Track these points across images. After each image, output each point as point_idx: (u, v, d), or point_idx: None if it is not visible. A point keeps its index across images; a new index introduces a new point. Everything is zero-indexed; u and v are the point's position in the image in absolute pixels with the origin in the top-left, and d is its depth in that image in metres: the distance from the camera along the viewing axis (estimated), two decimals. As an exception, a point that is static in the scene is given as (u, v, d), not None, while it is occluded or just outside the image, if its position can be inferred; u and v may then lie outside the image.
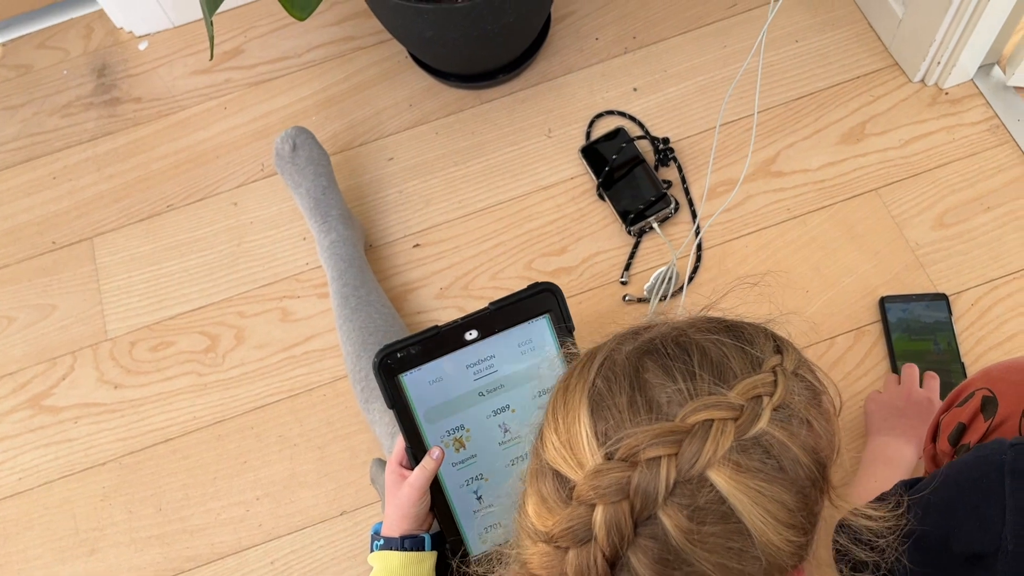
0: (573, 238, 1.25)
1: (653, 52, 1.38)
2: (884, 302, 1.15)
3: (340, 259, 1.18)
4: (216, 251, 1.31)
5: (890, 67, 1.31)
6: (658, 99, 1.34)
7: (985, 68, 1.27)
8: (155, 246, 1.32)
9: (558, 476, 0.47)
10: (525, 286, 0.82)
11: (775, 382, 0.47)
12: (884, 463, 0.96)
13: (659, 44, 1.38)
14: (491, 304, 0.81)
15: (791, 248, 1.21)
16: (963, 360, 1.10)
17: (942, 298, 1.14)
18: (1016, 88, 1.26)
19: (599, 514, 0.44)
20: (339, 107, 1.40)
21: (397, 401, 0.80)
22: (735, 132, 1.29)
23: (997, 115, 1.25)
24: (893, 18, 1.28)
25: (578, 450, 0.47)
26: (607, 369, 0.49)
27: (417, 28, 1.19)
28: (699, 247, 1.22)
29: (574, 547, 0.45)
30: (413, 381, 0.80)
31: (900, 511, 0.66)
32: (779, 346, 0.51)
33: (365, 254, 1.23)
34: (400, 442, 0.81)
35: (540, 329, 0.81)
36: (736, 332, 0.51)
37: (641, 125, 1.31)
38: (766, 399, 0.46)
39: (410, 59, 1.41)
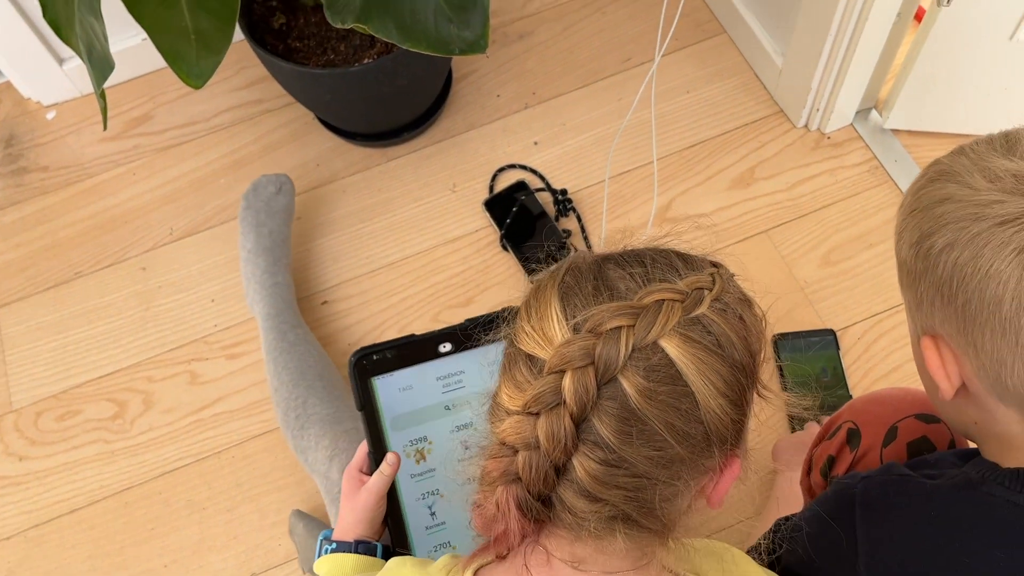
0: (479, 289, 1.28)
1: (552, 106, 1.43)
2: (776, 340, 1.19)
3: (280, 300, 1.20)
4: (124, 317, 1.31)
5: (776, 114, 1.37)
6: (557, 152, 1.38)
7: (863, 112, 1.34)
8: (62, 314, 1.32)
9: (530, 359, 0.53)
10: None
11: (714, 281, 0.55)
12: (795, 498, 0.97)
13: (558, 99, 1.43)
14: (466, 320, 0.83)
15: (687, 291, 1.25)
16: (851, 392, 1.14)
17: (830, 333, 1.19)
18: (893, 130, 1.33)
19: (567, 379, 0.50)
20: (248, 169, 1.42)
21: (367, 404, 0.82)
22: (631, 181, 1.34)
23: (876, 156, 1.32)
24: (774, 68, 1.35)
25: (549, 330, 0.53)
26: (574, 270, 0.56)
27: (316, 92, 1.23)
28: (599, 293, 1.25)
29: (544, 412, 0.50)
30: (385, 385, 0.81)
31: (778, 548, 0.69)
32: (717, 263, 0.61)
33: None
34: (363, 447, 0.84)
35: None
36: (683, 255, 0.60)
37: (542, 177, 1.35)
38: (707, 292, 0.54)
39: (316, 120, 1.44)
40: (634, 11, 1.50)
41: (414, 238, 1.33)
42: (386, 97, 1.25)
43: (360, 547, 0.79)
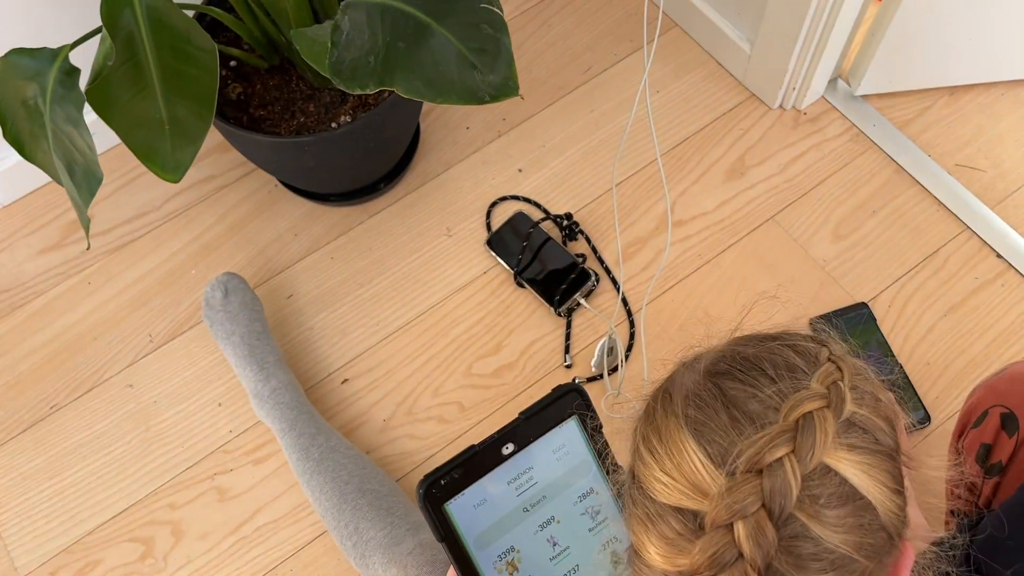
0: (504, 332, 1.22)
1: (526, 130, 1.38)
2: (814, 322, 1.19)
3: (287, 407, 1.09)
4: (123, 443, 1.17)
5: (749, 99, 1.37)
6: (545, 175, 1.33)
7: (831, 83, 1.36)
8: (48, 456, 1.17)
9: (680, 512, 0.48)
10: (548, 391, 0.79)
11: (839, 367, 0.50)
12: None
13: (530, 121, 1.38)
14: (521, 414, 0.78)
15: (714, 292, 1.23)
16: (898, 358, 1.16)
17: (864, 307, 1.20)
18: (863, 96, 1.36)
19: (740, 530, 0.45)
20: (219, 254, 1.30)
21: (447, 533, 0.75)
22: (628, 190, 1.31)
23: (855, 124, 1.34)
24: (742, 55, 1.35)
25: (696, 478, 0.47)
26: (693, 399, 0.51)
27: (299, 161, 1.13)
28: (628, 311, 1.22)
29: (721, 572, 0.45)
30: (459, 507, 0.74)
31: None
32: (818, 338, 0.55)
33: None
34: None
35: (571, 432, 0.78)
36: (779, 337, 0.54)
37: (538, 205, 1.30)
38: (841, 383, 0.49)
39: (282, 187, 1.33)
40: (580, 19, 1.47)
41: (421, 293, 1.26)
42: (372, 151, 1.17)
43: None
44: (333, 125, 1.14)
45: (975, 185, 1.28)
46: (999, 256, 1.22)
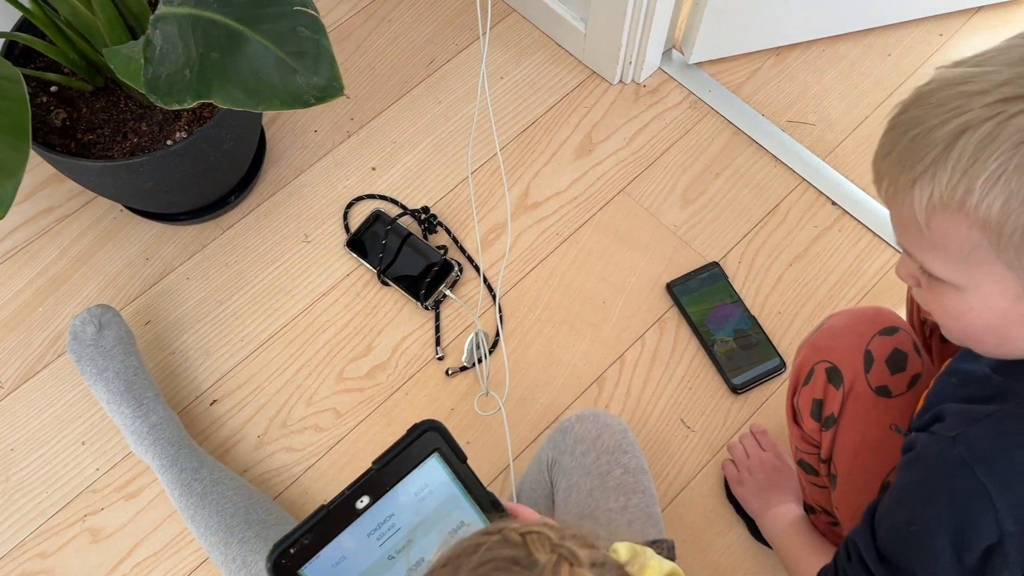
0: (374, 333, 1.22)
1: (376, 128, 1.37)
2: (670, 287, 1.23)
3: (168, 443, 1.06)
4: (-19, 498, 1.11)
5: (590, 77, 1.41)
6: (399, 171, 1.33)
7: (666, 54, 1.41)
8: (-101, 522, 1.10)
9: None
10: (405, 431, 0.78)
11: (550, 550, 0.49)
12: (791, 533, 0.98)
13: (378, 118, 1.38)
14: (374, 463, 0.76)
15: (574, 268, 1.26)
16: (751, 311, 1.21)
17: (715, 266, 1.25)
18: (697, 64, 1.41)
19: None
20: (67, 287, 1.24)
21: None
22: (483, 178, 1.33)
23: (692, 92, 1.39)
24: (577, 34, 1.38)
25: None
26: None
27: (135, 183, 1.09)
28: (494, 297, 1.23)
29: None
30: (315, 571, 0.73)
31: None
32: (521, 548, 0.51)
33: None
34: None
35: (432, 470, 0.77)
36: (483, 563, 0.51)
37: (395, 202, 1.30)
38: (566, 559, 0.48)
39: (127, 211, 1.29)
40: (418, 14, 1.47)
41: (284, 303, 1.24)
42: (213, 165, 1.14)
43: None
44: (168, 143, 1.11)
45: (807, 139, 1.35)
46: (834, 204, 1.30)
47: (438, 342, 1.21)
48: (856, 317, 0.83)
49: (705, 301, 1.22)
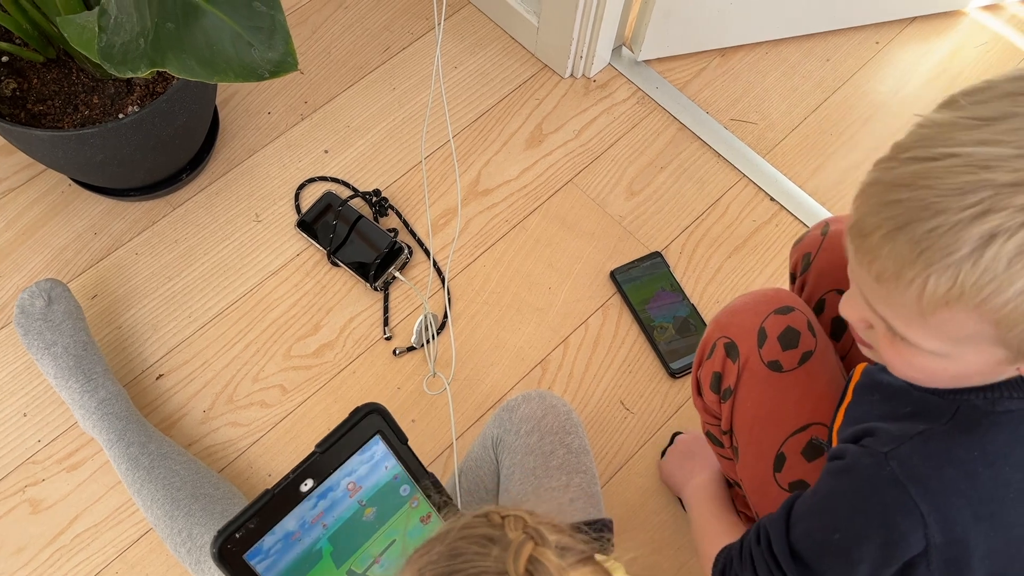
0: (322, 312, 1.23)
1: (329, 112, 1.39)
2: (614, 275, 1.27)
3: (116, 418, 1.06)
4: (-82, 468, 1.10)
5: (542, 70, 1.44)
6: (352, 155, 1.35)
7: (616, 51, 1.45)
8: None
9: None
10: (346, 415, 0.80)
11: (514, 518, 0.53)
12: (709, 500, 1.01)
13: (332, 103, 1.39)
14: (317, 447, 0.78)
15: (522, 254, 1.29)
16: (690, 299, 1.26)
17: (657, 255, 1.29)
18: (646, 62, 1.45)
19: None
20: (10, 260, 1.24)
21: None
22: (435, 164, 1.35)
23: (640, 88, 1.43)
24: (530, 27, 1.41)
25: None
26: None
27: (84, 155, 1.10)
28: (443, 280, 1.26)
29: None
30: (261, 553, 0.75)
31: None
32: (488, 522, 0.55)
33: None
34: None
35: (375, 452, 0.80)
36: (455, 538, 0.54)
37: (347, 184, 1.32)
38: (530, 526, 0.52)
39: (76, 185, 1.28)
40: (375, 1, 1.49)
41: (234, 280, 1.25)
42: (166, 141, 1.15)
43: None
44: (120, 116, 1.12)
45: (748, 137, 1.40)
46: (772, 199, 1.35)
47: (386, 323, 1.23)
48: (756, 297, 0.88)
49: (647, 289, 1.26)
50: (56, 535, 1.08)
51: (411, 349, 1.21)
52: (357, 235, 1.27)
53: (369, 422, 0.81)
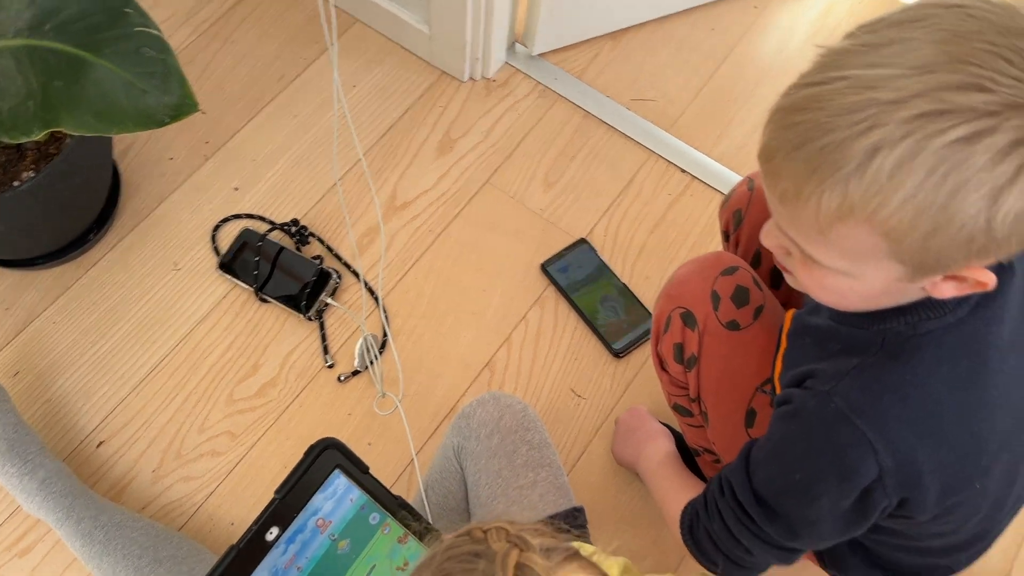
0: (259, 350, 1.21)
1: (233, 148, 1.36)
2: (544, 267, 1.29)
3: (61, 496, 1.02)
4: None
5: (441, 77, 1.45)
6: (264, 188, 1.33)
7: (511, 49, 1.47)
8: None
9: None
10: (302, 454, 0.79)
11: (496, 530, 0.53)
12: (662, 465, 1.03)
13: (235, 139, 1.37)
14: (276, 492, 0.77)
15: (450, 261, 1.30)
16: (621, 279, 1.28)
17: (583, 242, 1.31)
18: (541, 55, 1.47)
19: None
20: (-80, 350, 1.18)
21: None
22: (349, 185, 1.34)
23: (540, 82, 1.45)
24: (423, 37, 1.41)
25: None
26: None
27: (-16, 228, 1.05)
28: (377, 299, 1.25)
29: None
30: None
31: None
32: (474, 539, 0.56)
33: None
34: None
35: (337, 486, 0.79)
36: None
37: (263, 218, 1.30)
38: (512, 535, 0.52)
39: (-23, 262, 1.23)
40: (262, 32, 1.47)
41: (162, 333, 1.22)
42: (67, 203, 1.11)
43: None
44: (15, 184, 1.07)
45: (650, 114, 1.44)
46: (683, 171, 1.39)
47: (326, 350, 1.21)
48: (700, 263, 0.90)
49: (578, 275, 1.28)
50: (16, 626, 1.04)
51: (356, 373, 1.20)
52: (282, 268, 1.25)
53: (326, 458, 0.80)
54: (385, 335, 1.23)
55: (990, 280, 0.60)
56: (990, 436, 0.69)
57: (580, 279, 1.28)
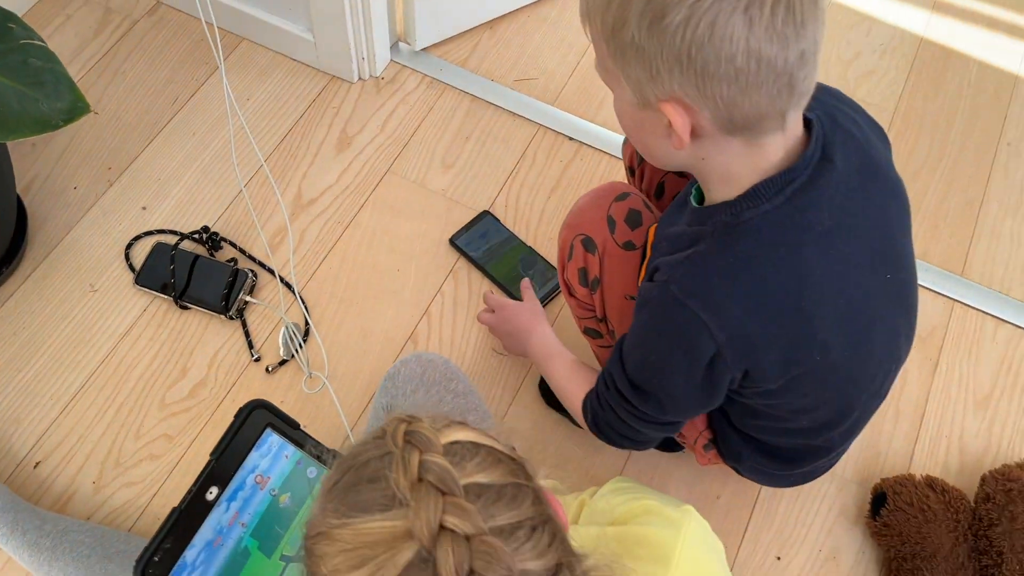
0: (186, 355, 1.24)
1: (136, 171, 1.39)
2: (453, 241, 1.35)
3: (3, 512, 1.04)
4: None
5: (332, 81, 1.51)
6: (171, 203, 1.37)
7: (394, 47, 1.54)
8: None
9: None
10: (231, 418, 0.83)
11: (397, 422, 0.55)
12: (549, 358, 1.08)
13: (136, 162, 1.40)
14: (211, 454, 0.81)
15: (363, 248, 1.35)
16: (526, 243, 1.35)
17: (486, 214, 1.38)
18: (424, 50, 1.55)
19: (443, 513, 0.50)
20: None
21: None
22: (253, 190, 1.39)
23: (426, 74, 1.53)
24: (308, 45, 1.48)
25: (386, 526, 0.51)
26: (329, 512, 0.53)
27: None
28: (294, 291, 1.30)
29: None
30: (186, 568, 0.76)
31: None
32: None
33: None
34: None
35: (271, 444, 0.83)
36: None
37: (173, 232, 1.33)
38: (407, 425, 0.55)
39: None
40: (150, 59, 1.51)
41: (86, 353, 1.24)
42: (-26, 232, 1.13)
43: None
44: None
45: (534, 91, 1.52)
46: (571, 139, 1.47)
47: (251, 345, 1.25)
48: (595, 192, 0.98)
49: (485, 245, 1.35)
50: (-28, 652, 1.04)
51: (283, 363, 1.24)
52: (198, 274, 1.28)
53: (257, 417, 0.85)
54: (307, 323, 1.27)
55: (679, 120, 0.67)
56: (818, 312, 0.75)
57: (490, 248, 1.34)
